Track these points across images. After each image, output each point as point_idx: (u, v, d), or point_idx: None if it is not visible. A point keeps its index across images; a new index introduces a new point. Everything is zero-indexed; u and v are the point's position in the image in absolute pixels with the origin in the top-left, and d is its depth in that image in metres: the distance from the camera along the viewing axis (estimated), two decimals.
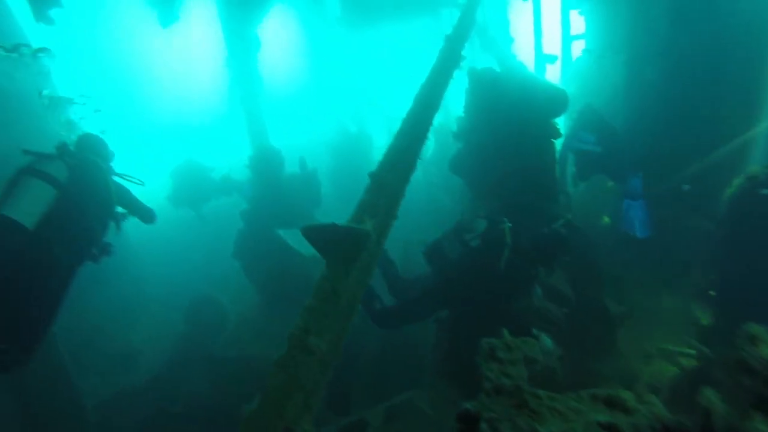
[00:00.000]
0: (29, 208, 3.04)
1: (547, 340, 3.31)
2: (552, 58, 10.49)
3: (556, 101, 5.52)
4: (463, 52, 5.13)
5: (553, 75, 11.27)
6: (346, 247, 2.30)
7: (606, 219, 6.55)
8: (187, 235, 8.22)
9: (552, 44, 11.11)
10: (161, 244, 8.21)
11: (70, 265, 3.36)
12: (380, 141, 12.65)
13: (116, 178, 3.93)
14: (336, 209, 8.69)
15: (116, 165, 4.09)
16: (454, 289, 3.72)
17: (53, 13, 5.93)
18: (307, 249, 5.25)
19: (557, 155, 5.72)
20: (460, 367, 4.11)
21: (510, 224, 3.71)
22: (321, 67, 13.18)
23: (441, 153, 11.97)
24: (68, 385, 4.78)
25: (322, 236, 2.32)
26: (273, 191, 6.08)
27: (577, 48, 10.61)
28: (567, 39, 10.39)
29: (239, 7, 7.71)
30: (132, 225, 4.23)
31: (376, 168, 3.00)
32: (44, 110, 6.06)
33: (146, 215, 4.10)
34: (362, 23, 11.92)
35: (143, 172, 4.72)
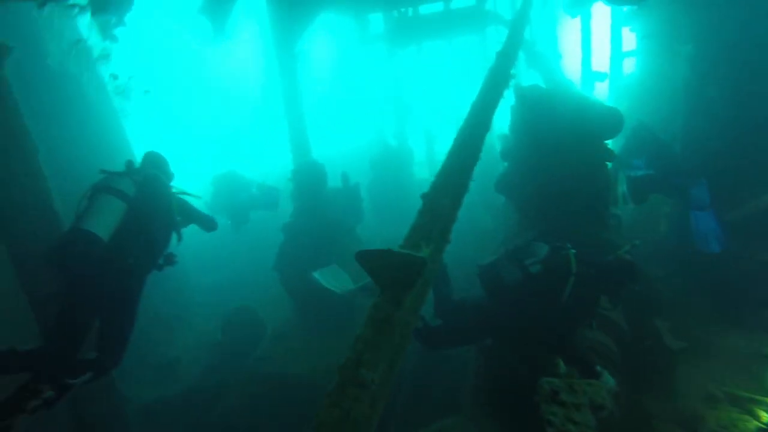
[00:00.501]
0: (104, 221, 3.29)
1: (610, 380, 3.06)
2: (601, 76, 10.17)
3: (610, 122, 5.28)
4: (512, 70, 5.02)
5: (601, 93, 10.95)
6: (401, 274, 2.21)
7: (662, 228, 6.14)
8: (229, 243, 8.32)
9: (600, 61, 10.81)
10: (203, 251, 8.38)
11: (141, 273, 3.61)
12: (420, 155, 12.60)
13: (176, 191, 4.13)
14: (374, 223, 8.67)
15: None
16: (509, 316, 3.51)
17: (118, 31, 6.23)
18: (343, 285, 5.21)
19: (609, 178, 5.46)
20: (504, 398, 3.91)
21: (574, 250, 3.47)
22: (362, 80, 13.29)
23: (481, 170, 11.79)
24: (111, 390, 4.85)
25: (376, 262, 2.23)
26: (315, 205, 6.08)
27: (628, 65, 10.28)
28: (617, 56, 10.05)
29: (286, 20, 7.90)
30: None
31: (429, 189, 2.92)
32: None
33: (207, 224, 4.30)
34: (405, 40, 11.98)
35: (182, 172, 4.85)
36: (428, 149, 13.22)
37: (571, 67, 10.94)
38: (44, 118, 4.44)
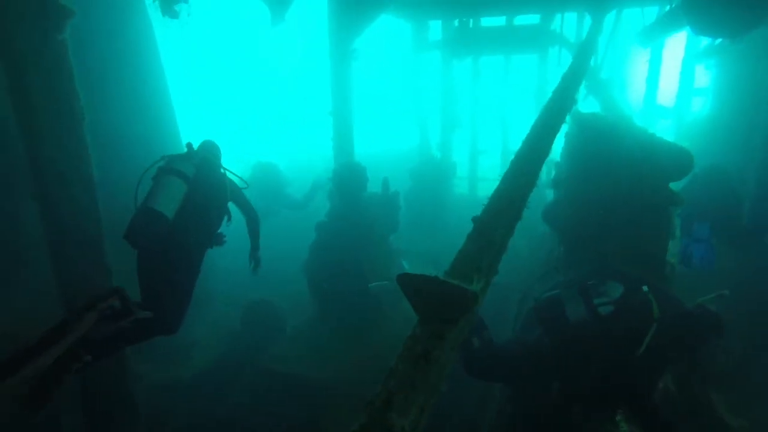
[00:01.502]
0: (169, 201, 3.56)
1: None
2: (666, 112, 9.64)
3: (678, 162, 4.87)
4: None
5: (662, 130, 10.38)
6: (448, 307, 1.97)
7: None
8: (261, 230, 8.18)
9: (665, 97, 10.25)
10: (230, 237, 8.33)
11: (200, 251, 3.94)
12: (462, 170, 12.29)
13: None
14: (408, 234, 8.42)
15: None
16: (567, 360, 3.13)
17: (179, 7, 6.25)
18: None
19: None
20: None
21: (653, 294, 3.08)
22: (413, 86, 13.10)
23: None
24: (123, 363, 4.79)
25: (421, 289, 2.00)
26: (352, 208, 5.91)
27: (696, 104, 9.70)
28: (686, 92, 9.50)
29: (345, 16, 7.80)
30: None
31: (482, 213, 2.68)
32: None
33: (253, 215, 4.52)
34: (463, 51, 11.73)
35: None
36: (471, 165, 12.91)
37: (633, 99, 10.43)
38: (96, 85, 4.44)
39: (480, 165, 12.86)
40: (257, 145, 20.00)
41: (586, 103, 10.33)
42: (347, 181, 5.96)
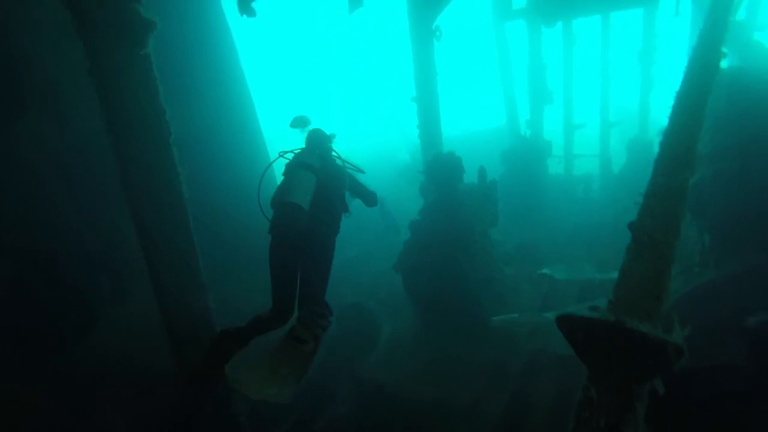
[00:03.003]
0: (304, 193, 3.78)
1: None
2: None
3: None
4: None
5: None
6: (639, 365, 1.39)
7: None
8: (368, 223, 7.86)
9: None
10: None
11: (333, 238, 4.12)
12: (557, 148, 11.17)
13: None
14: (504, 224, 7.66)
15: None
16: None
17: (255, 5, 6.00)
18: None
19: None
20: None
21: None
22: (497, 60, 12.10)
23: (632, 169, 10.05)
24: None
25: (595, 336, 1.48)
26: (448, 203, 5.35)
27: None
28: None
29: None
30: None
31: (640, 217, 2.06)
32: None
33: (370, 198, 4.46)
34: (552, 16, 10.50)
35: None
36: (567, 142, 11.69)
37: None
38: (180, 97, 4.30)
39: (575, 140, 11.62)
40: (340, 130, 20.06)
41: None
42: (442, 172, 5.39)
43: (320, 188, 3.92)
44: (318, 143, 4.29)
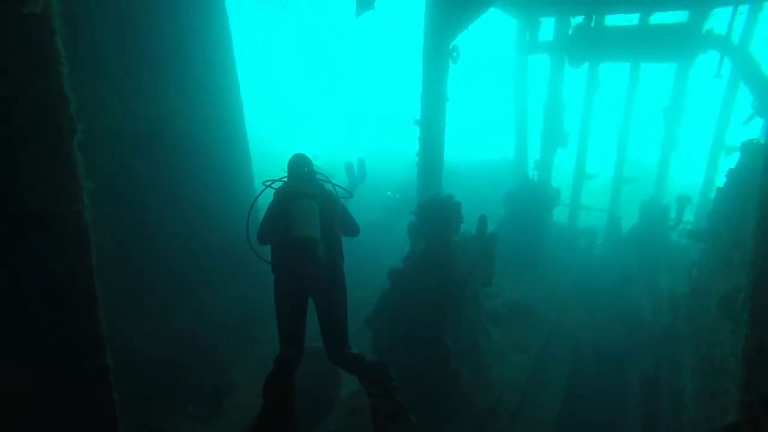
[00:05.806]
0: (315, 224, 3.56)
1: None
2: None
3: None
4: None
5: None
6: None
7: None
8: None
9: None
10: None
11: (342, 266, 3.86)
12: (565, 196, 10.36)
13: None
14: (499, 275, 6.72)
15: None
16: None
17: None
18: None
19: None
20: None
21: None
22: (514, 92, 11.35)
23: (644, 232, 9.25)
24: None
25: None
26: (440, 257, 4.42)
27: None
28: None
29: (446, 10, 6.34)
30: None
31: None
32: None
33: (354, 230, 4.15)
34: (580, 55, 9.76)
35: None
36: (575, 191, 10.91)
37: None
38: None
39: (588, 190, 10.86)
40: (334, 148, 19.19)
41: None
42: (436, 220, 4.50)
43: (323, 214, 3.69)
44: (303, 167, 4.04)
